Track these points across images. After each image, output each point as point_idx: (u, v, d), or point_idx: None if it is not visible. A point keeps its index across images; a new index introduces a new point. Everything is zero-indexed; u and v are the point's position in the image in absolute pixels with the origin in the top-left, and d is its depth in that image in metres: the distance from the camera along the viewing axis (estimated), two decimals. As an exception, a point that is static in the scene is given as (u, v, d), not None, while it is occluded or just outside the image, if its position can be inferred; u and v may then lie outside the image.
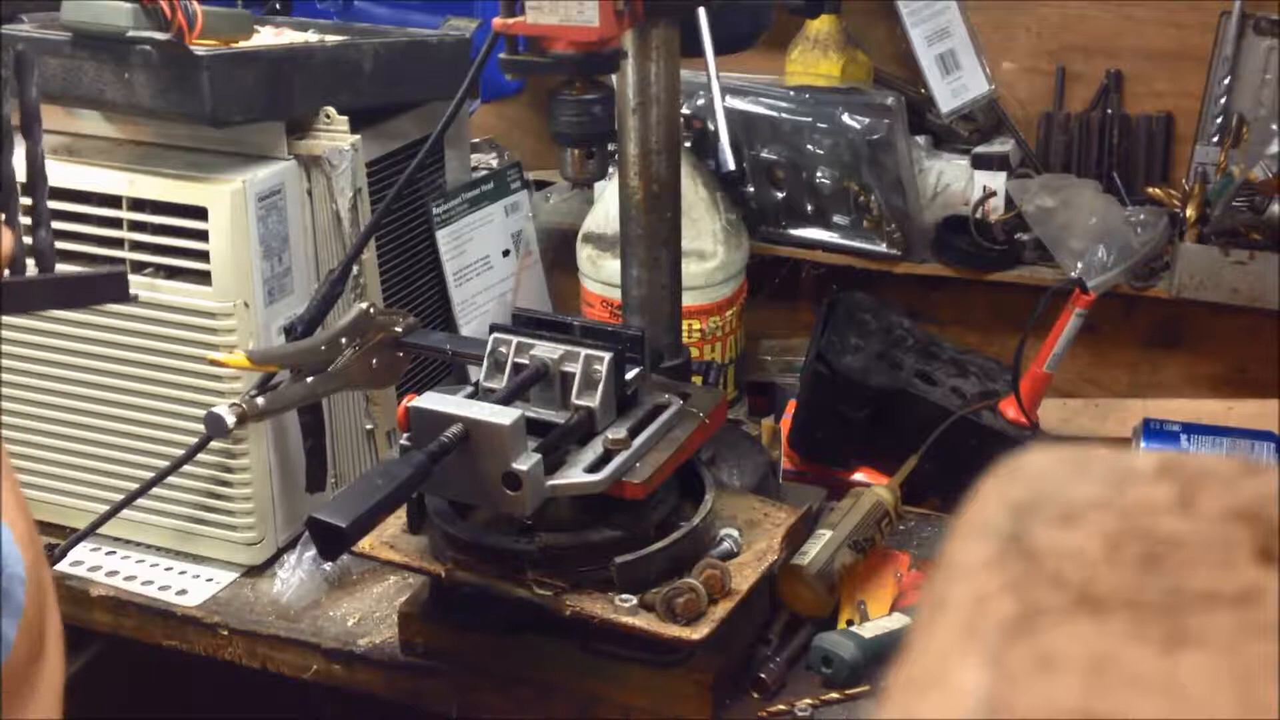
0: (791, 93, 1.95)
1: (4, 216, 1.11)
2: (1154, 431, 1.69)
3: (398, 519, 1.38)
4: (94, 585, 1.58)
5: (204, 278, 1.50)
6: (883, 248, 1.96)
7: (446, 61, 1.74)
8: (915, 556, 1.58)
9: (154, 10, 1.42)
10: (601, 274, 1.85)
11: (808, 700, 1.37)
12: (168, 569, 1.61)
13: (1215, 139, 1.85)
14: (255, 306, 1.51)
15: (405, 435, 1.29)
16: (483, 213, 1.87)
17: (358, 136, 1.58)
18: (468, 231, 1.84)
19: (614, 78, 1.45)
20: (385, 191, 1.58)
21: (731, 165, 1.61)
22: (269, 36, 1.71)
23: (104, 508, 1.57)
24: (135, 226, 1.52)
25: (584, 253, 1.89)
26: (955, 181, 1.98)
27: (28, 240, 1.11)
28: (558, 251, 2.01)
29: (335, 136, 1.57)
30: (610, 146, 1.47)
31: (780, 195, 1.99)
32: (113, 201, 1.53)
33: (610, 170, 1.56)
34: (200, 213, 1.49)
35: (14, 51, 1.09)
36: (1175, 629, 0.37)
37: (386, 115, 1.69)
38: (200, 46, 1.45)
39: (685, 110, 1.86)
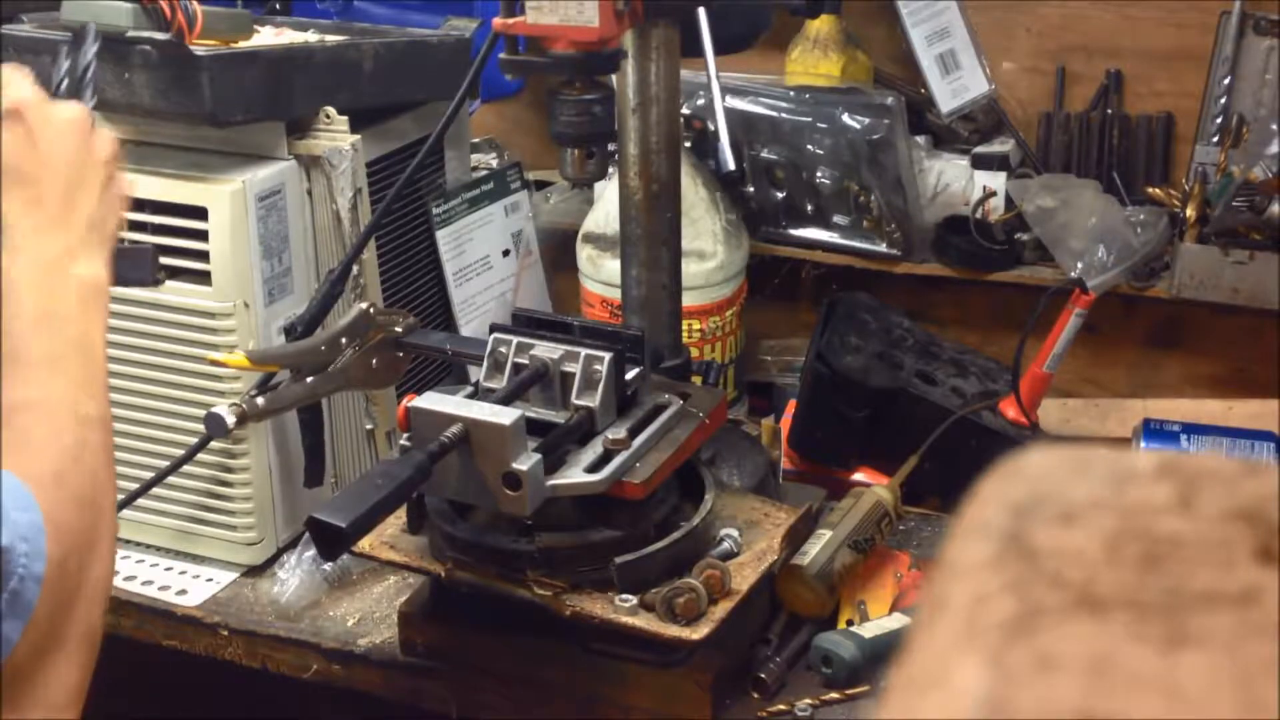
0: (791, 93, 1.95)
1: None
2: (1154, 431, 1.69)
3: (398, 519, 1.38)
4: (94, 585, 1.57)
5: (204, 278, 1.50)
6: (883, 248, 1.96)
7: (446, 61, 1.74)
8: (915, 556, 1.58)
9: (154, 10, 1.42)
10: (601, 274, 1.85)
11: (808, 700, 1.37)
12: (168, 569, 1.61)
13: (1215, 139, 1.85)
14: (255, 306, 1.51)
15: (405, 435, 1.29)
16: (483, 213, 1.87)
17: (358, 136, 1.58)
18: (468, 231, 1.84)
19: (614, 78, 1.45)
20: (385, 191, 1.58)
21: (731, 165, 1.61)
22: (269, 36, 1.71)
23: (104, 508, 1.57)
24: (135, 226, 1.52)
25: (584, 253, 1.89)
26: (955, 181, 1.98)
27: None
28: (558, 251, 2.01)
29: (335, 136, 1.57)
30: (610, 146, 1.46)
31: (780, 195, 1.99)
32: (113, 201, 1.53)
33: (610, 170, 1.56)
34: (200, 213, 1.49)
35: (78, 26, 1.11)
36: (1175, 629, 0.37)
37: (386, 115, 1.69)
38: (200, 46, 1.45)
39: (685, 110, 1.86)
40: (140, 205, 1.52)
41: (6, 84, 1.08)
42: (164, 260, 1.53)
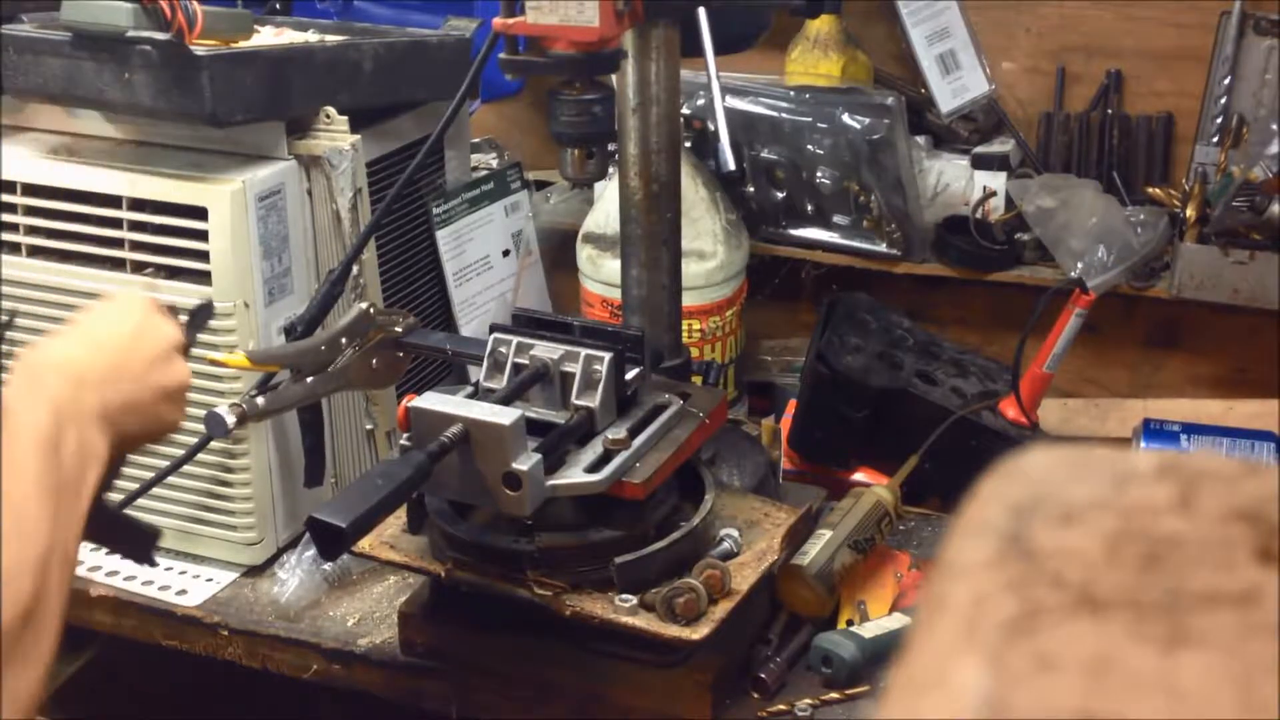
0: (791, 93, 1.95)
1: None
2: (1154, 431, 1.69)
3: (398, 519, 1.38)
4: (94, 585, 1.57)
5: (204, 278, 1.50)
6: (883, 248, 1.96)
7: (446, 61, 1.74)
8: (915, 556, 1.58)
9: (154, 10, 1.42)
10: (601, 274, 1.85)
11: (808, 700, 1.37)
12: (168, 569, 1.61)
13: (1215, 139, 1.85)
14: (255, 306, 1.51)
15: (405, 435, 1.29)
16: (483, 213, 1.87)
17: (358, 136, 1.58)
18: (468, 231, 1.84)
19: (614, 78, 1.45)
20: (385, 191, 1.58)
21: (731, 165, 1.61)
22: (269, 36, 1.71)
23: (104, 508, 1.57)
24: (135, 226, 1.52)
25: (584, 253, 1.89)
26: (955, 181, 1.98)
27: None
28: (558, 251, 2.01)
29: (335, 136, 1.57)
30: (610, 146, 1.47)
31: (780, 195, 1.99)
32: (113, 201, 1.53)
33: (610, 170, 1.56)
34: (200, 213, 1.49)
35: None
36: (1175, 629, 0.37)
37: (386, 115, 1.69)
38: (200, 46, 1.45)
39: (685, 110, 1.86)
40: (140, 205, 1.52)
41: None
42: (165, 260, 1.53)
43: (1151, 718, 0.36)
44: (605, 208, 1.86)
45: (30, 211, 1.56)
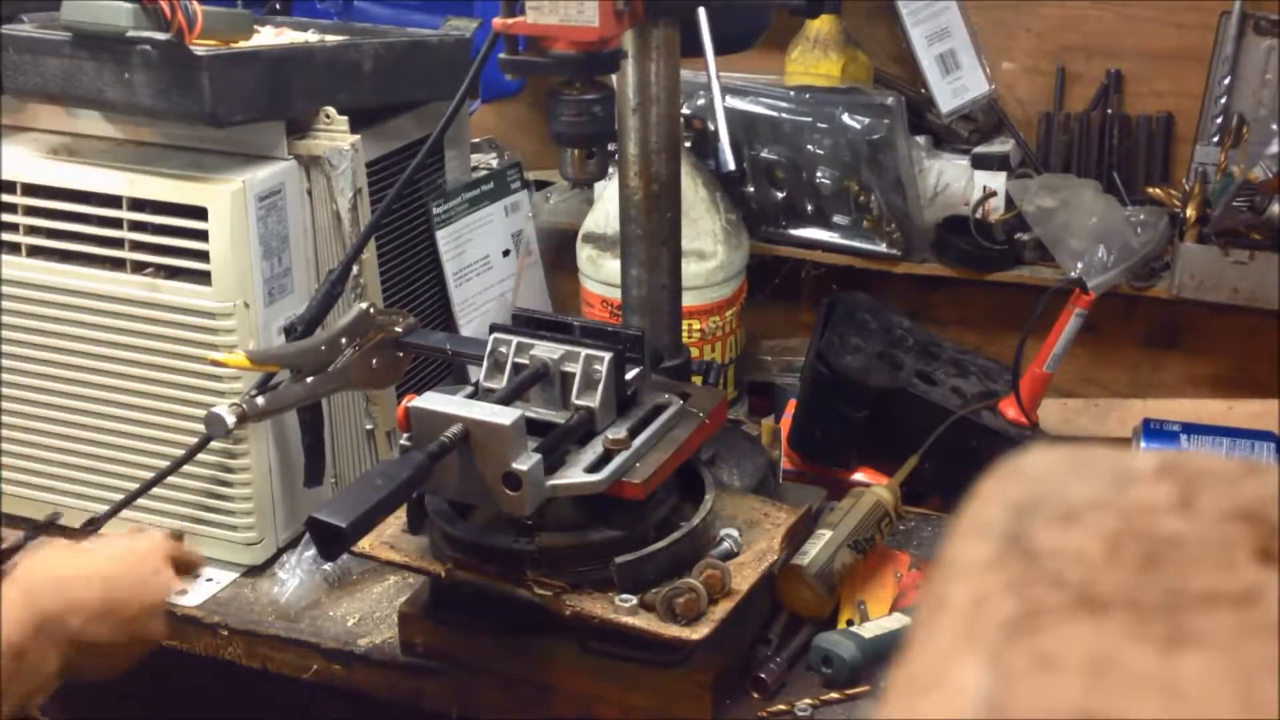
0: (791, 93, 1.95)
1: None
2: (1154, 431, 1.69)
3: (398, 519, 1.38)
4: (94, 585, 1.57)
5: (204, 278, 1.50)
6: (883, 248, 1.96)
7: (446, 61, 1.74)
8: (915, 556, 1.58)
9: (154, 10, 1.42)
10: (601, 274, 1.85)
11: (808, 700, 1.37)
12: (168, 569, 1.61)
13: (1215, 139, 1.85)
14: (255, 306, 1.51)
15: (405, 435, 1.29)
16: (483, 213, 1.87)
17: (358, 136, 1.58)
18: (468, 231, 1.84)
19: (614, 78, 1.45)
20: (385, 191, 1.58)
21: (731, 165, 1.60)
22: (269, 36, 1.71)
23: (104, 507, 1.57)
24: (135, 226, 1.52)
25: (584, 253, 1.89)
26: (955, 181, 1.98)
27: None
28: (558, 251, 2.01)
29: (335, 136, 1.57)
30: (610, 146, 1.46)
31: (780, 195, 1.98)
32: (113, 201, 1.53)
33: (610, 170, 1.56)
34: (200, 213, 1.49)
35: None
36: (1175, 629, 0.37)
37: (386, 115, 1.69)
38: (200, 46, 1.45)
39: (685, 110, 1.86)
40: (140, 205, 1.52)
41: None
42: (165, 260, 1.53)
43: (1151, 718, 0.36)
44: (605, 208, 1.86)
45: (30, 211, 1.56)
